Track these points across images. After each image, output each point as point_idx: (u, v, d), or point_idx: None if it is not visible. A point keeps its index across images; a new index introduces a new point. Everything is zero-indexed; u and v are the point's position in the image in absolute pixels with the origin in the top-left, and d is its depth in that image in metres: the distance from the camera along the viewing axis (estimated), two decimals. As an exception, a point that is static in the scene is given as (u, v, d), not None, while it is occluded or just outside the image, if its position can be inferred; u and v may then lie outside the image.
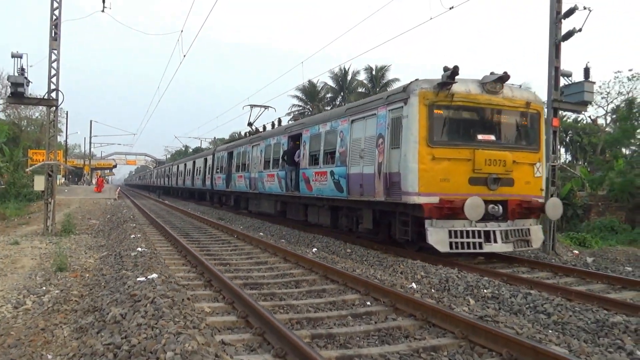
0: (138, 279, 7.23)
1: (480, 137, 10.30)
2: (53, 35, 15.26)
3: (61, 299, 7.11)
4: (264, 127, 23.93)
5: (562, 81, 12.89)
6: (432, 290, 8.00)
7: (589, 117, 34.74)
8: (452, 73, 9.67)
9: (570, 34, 12.35)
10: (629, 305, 6.85)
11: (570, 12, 12.23)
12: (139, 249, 10.62)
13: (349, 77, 48.67)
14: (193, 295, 6.91)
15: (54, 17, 15.27)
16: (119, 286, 7.09)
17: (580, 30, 12.23)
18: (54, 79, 15.28)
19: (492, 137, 10.43)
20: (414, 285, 8.07)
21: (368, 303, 6.81)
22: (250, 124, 25.51)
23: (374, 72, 46.33)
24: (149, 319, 5.17)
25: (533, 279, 8.79)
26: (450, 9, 12.96)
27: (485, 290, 7.78)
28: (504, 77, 10.23)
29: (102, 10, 17.77)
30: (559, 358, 4.34)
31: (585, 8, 11.99)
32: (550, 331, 5.92)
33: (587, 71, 12.90)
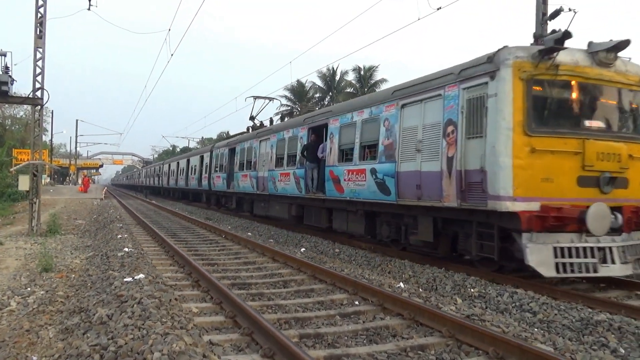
0: (125, 279, 7.18)
1: (588, 123, 8.12)
2: (38, 33, 15.08)
3: (46, 299, 7.03)
4: (272, 121, 22.42)
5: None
6: (420, 290, 8.05)
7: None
8: (563, 36, 7.64)
9: (556, 36, 12.48)
10: (613, 304, 6.95)
11: (556, 13, 12.37)
12: (126, 249, 10.55)
13: (337, 77, 48.76)
14: (180, 295, 6.88)
15: (39, 15, 15.09)
16: (105, 287, 7.03)
17: (565, 31, 12.35)
18: (39, 78, 15.11)
19: (602, 124, 8.30)
20: (401, 284, 8.10)
21: (356, 302, 6.84)
22: (252, 118, 23.30)
23: (362, 72, 46.46)
24: (135, 320, 5.14)
25: (519, 278, 8.87)
26: (438, 9, 13.06)
27: (472, 290, 7.84)
28: (621, 45, 7.94)
29: (88, 8, 17.63)
30: (544, 356, 4.39)
31: (570, 10, 12.14)
32: (535, 329, 6.00)
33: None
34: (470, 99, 8.44)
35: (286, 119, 21.23)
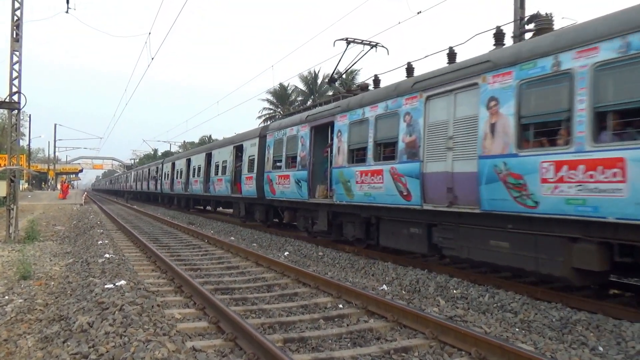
0: (106, 286, 7.09)
1: None
2: (14, 36, 14.82)
3: (25, 308, 6.90)
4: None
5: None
6: (403, 292, 8.11)
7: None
8: None
9: (534, 40, 12.68)
10: (591, 303, 7.07)
11: (533, 18, 12.59)
12: (107, 255, 10.41)
13: (319, 81, 48.87)
14: (163, 301, 6.82)
15: (15, 18, 14.84)
16: (86, 294, 6.93)
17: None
18: (15, 82, 14.84)
19: None
20: (385, 287, 8.16)
21: (340, 306, 6.85)
22: (333, 79, 15.75)
23: (344, 76, 46.62)
24: (117, 327, 5.09)
25: (500, 278, 8.98)
26: (418, 13, 13.22)
27: (454, 291, 7.92)
28: None
29: (66, 11, 17.41)
30: (526, 356, 4.46)
31: (546, 14, 12.37)
32: (517, 329, 6.09)
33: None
34: None
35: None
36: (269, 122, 34.07)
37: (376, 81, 13.09)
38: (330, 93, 46.53)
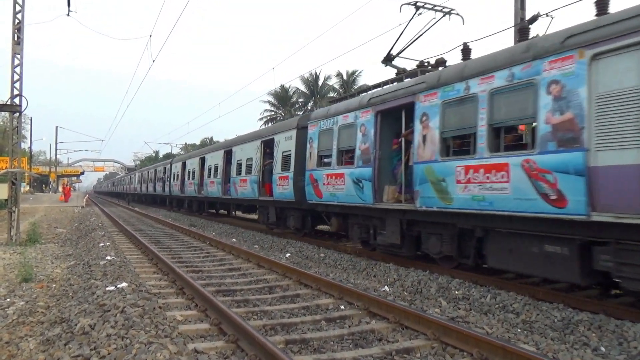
0: (107, 288, 7.10)
1: None
2: (16, 39, 14.85)
3: (27, 310, 6.91)
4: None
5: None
6: (405, 293, 8.11)
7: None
8: None
9: (535, 40, 12.67)
10: (593, 303, 7.06)
11: (534, 19, 12.60)
12: (108, 257, 10.42)
13: (320, 82, 48.96)
14: (165, 303, 6.82)
15: (17, 21, 14.87)
16: (87, 296, 6.94)
17: (546, 36, 12.51)
18: (17, 84, 14.87)
19: None
20: (386, 288, 8.15)
21: (342, 307, 6.85)
22: (390, 58, 11.95)
23: (345, 78, 46.72)
24: (119, 329, 5.09)
25: (501, 279, 8.97)
26: (419, 15, 13.20)
27: (456, 292, 7.91)
28: None
29: (67, 14, 17.44)
30: (528, 356, 4.45)
31: (547, 15, 12.37)
32: (518, 330, 6.08)
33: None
34: None
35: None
36: (269, 124, 33.77)
37: (465, 51, 10.02)
38: (331, 94, 46.61)
